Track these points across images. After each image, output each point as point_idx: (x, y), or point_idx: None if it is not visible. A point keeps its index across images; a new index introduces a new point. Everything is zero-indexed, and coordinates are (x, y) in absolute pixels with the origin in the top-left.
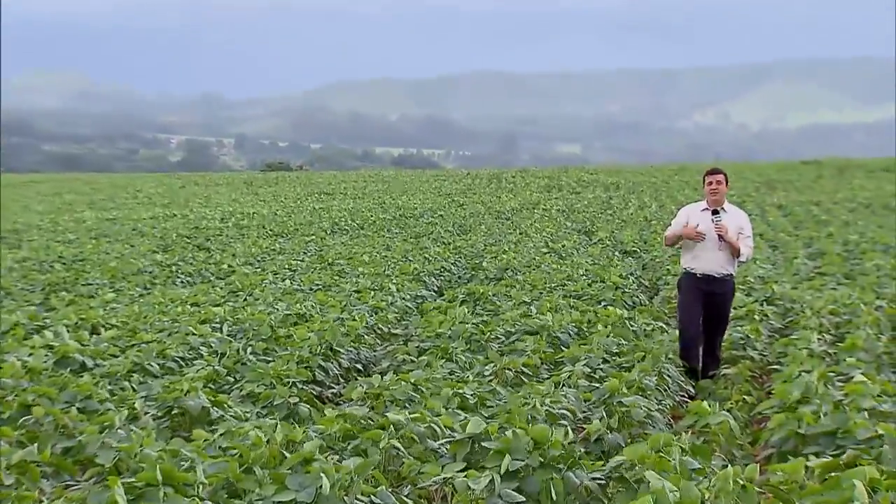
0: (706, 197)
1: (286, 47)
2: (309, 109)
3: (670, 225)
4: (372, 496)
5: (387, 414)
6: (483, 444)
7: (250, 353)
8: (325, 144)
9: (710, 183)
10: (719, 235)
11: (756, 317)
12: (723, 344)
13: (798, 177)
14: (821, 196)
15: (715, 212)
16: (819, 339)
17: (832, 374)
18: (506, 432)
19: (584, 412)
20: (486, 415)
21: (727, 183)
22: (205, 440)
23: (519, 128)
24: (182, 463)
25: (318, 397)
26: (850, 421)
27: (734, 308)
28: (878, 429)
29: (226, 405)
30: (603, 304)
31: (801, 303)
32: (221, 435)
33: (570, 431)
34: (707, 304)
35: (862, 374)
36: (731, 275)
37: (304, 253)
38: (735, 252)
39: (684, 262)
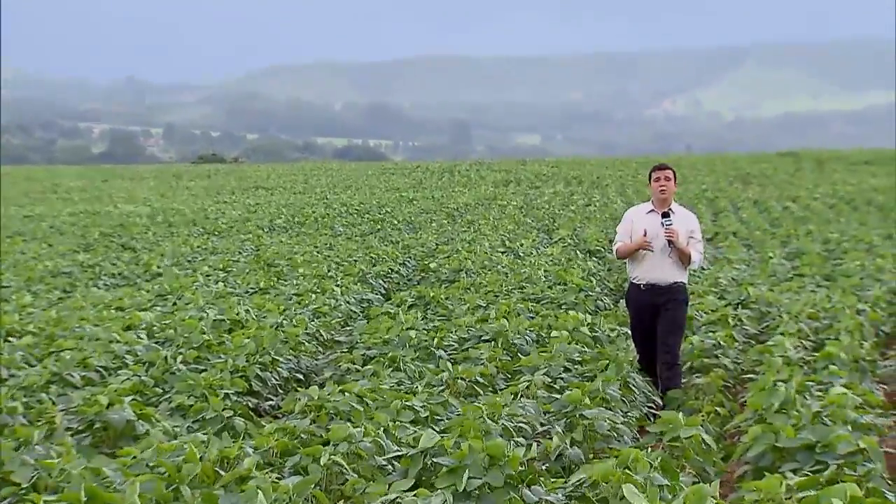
0: (652, 197)
1: (218, 27)
2: (244, 96)
3: (617, 233)
4: None
5: (329, 428)
6: (435, 459)
7: (180, 362)
8: (262, 135)
9: (658, 179)
10: (669, 241)
11: (729, 322)
12: (693, 351)
13: (774, 170)
14: (799, 191)
15: (664, 214)
16: (797, 345)
17: (811, 383)
18: (460, 447)
19: (544, 425)
20: (438, 429)
21: (676, 180)
22: (130, 457)
23: (473, 116)
24: (105, 482)
25: (255, 410)
26: (830, 434)
27: (704, 312)
28: (860, 442)
29: (153, 419)
30: (564, 308)
31: (777, 306)
32: (148, 451)
33: (529, 446)
34: (656, 314)
35: (843, 383)
36: (682, 283)
37: (240, 253)
38: (685, 258)
39: (629, 271)
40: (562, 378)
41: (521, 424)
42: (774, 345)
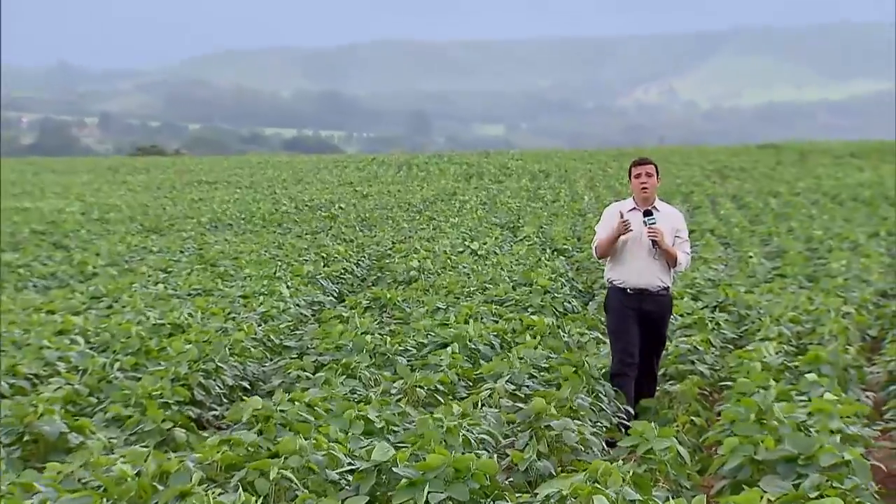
0: (634, 194)
1: (158, 8)
2: (186, 84)
3: (595, 231)
4: None
5: (278, 440)
6: (396, 471)
7: (117, 370)
8: (206, 125)
9: (639, 176)
10: (653, 241)
11: (706, 325)
12: (668, 356)
13: (754, 163)
14: (780, 185)
15: (648, 212)
16: (778, 350)
17: (793, 391)
18: (420, 459)
19: (508, 436)
20: (394, 440)
21: (658, 175)
22: (62, 472)
23: (432, 106)
24: (37, 498)
25: (197, 421)
26: (813, 445)
27: (680, 315)
28: (845, 454)
29: (87, 430)
30: (530, 310)
31: (757, 309)
32: (82, 466)
33: (492, 459)
34: (641, 324)
35: (827, 391)
36: (668, 288)
37: (181, 252)
38: (671, 260)
39: (611, 274)
40: (527, 386)
41: (483, 436)
42: (754, 350)
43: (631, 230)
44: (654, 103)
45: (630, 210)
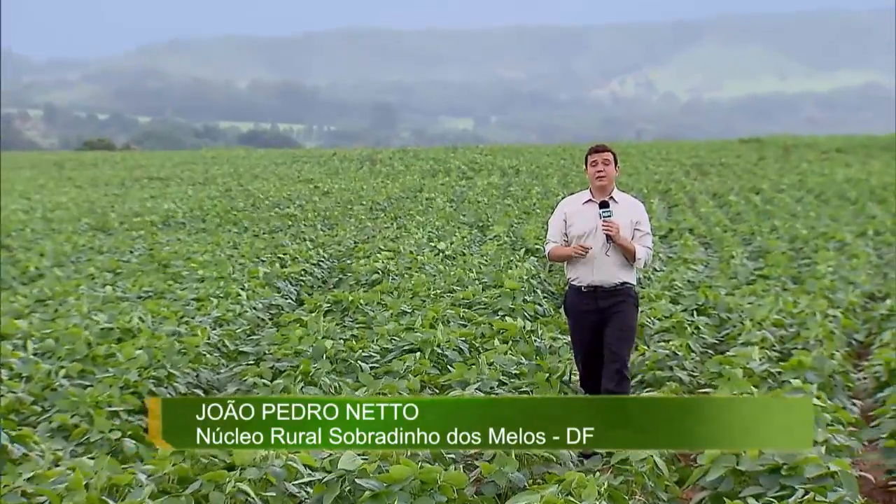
0: (590, 184)
1: None
2: (136, 74)
3: (548, 229)
4: None
5: (233, 451)
6: (359, 482)
7: (62, 377)
8: (157, 118)
9: (595, 164)
10: (608, 236)
11: (685, 329)
12: (645, 362)
13: (736, 159)
14: (763, 182)
15: (603, 204)
16: (761, 356)
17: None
18: (385, 471)
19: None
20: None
21: (616, 164)
22: (5, 485)
23: (397, 98)
24: None
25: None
26: (797, 456)
27: (658, 319)
28: (830, 465)
29: (31, 441)
30: (500, 314)
31: (739, 312)
32: (28, 479)
33: (460, 470)
34: (600, 321)
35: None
36: (628, 284)
37: (131, 252)
38: (630, 255)
39: (568, 272)
40: (496, 393)
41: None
42: (736, 355)
43: (584, 254)
44: (631, 96)
45: (585, 202)
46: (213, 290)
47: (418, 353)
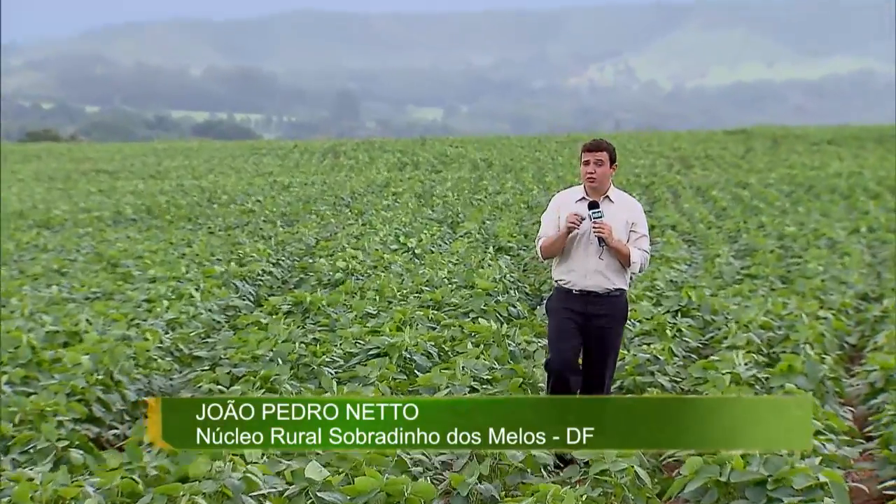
0: (583, 182)
1: None
2: (82, 60)
3: (541, 225)
4: None
5: (188, 461)
6: (321, 496)
7: (5, 383)
8: (106, 107)
9: (587, 163)
10: (600, 238)
11: (667, 332)
12: (625, 367)
13: (721, 150)
14: (750, 175)
15: (593, 205)
16: (747, 360)
17: None
18: (349, 482)
19: (446, 456)
20: (320, 462)
21: (613, 162)
22: None
23: (361, 86)
24: None
25: (96, 440)
26: (785, 466)
27: (638, 321)
28: (820, 476)
29: None
30: (471, 316)
31: (724, 314)
32: None
33: (429, 482)
34: (585, 331)
35: None
36: (621, 291)
37: (77, 250)
38: (624, 259)
39: (557, 273)
40: None
41: (418, 456)
42: (721, 360)
43: (577, 226)
44: (610, 84)
45: (579, 200)
46: (165, 290)
47: (385, 358)
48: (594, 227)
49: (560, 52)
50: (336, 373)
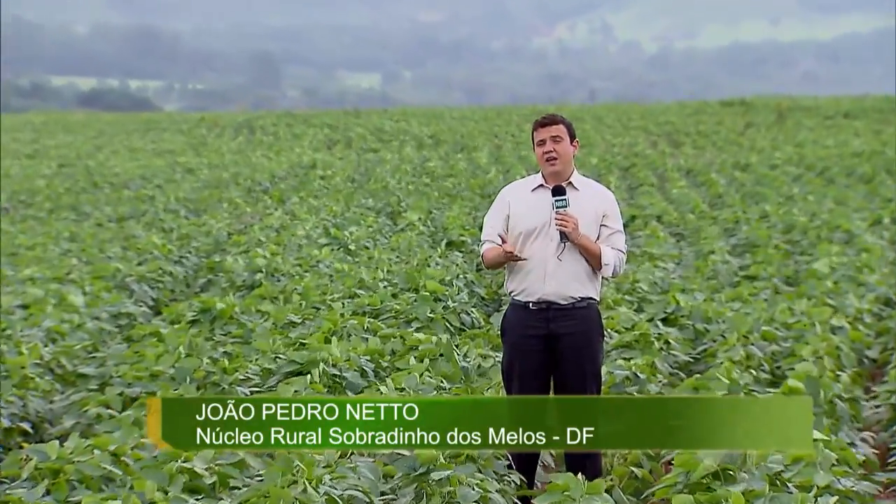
0: (539, 166)
1: None
2: None
3: (485, 222)
4: None
5: (72, 500)
6: None
7: None
8: None
9: (542, 142)
10: (562, 233)
11: (652, 344)
12: (602, 386)
13: (716, 125)
14: (751, 156)
15: (557, 190)
16: (746, 377)
17: None
18: None
19: (386, 494)
20: (231, 500)
21: (573, 139)
22: None
23: (282, 47)
24: None
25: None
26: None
27: (616, 331)
28: None
29: None
30: (414, 325)
31: (719, 322)
32: None
33: None
34: (550, 353)
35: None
36: (591, 300)
37: None
38: (594, 259)
39: (509, 283)
40: None
41: (353, 492)
42: (714, 378)
43: (521, 258)
44: (583, 45)
45: (535, 188)
46: (44, 294)
47: (309, 376)
48: (557, 220)
49: (522, 7)
50: (251, 392)
